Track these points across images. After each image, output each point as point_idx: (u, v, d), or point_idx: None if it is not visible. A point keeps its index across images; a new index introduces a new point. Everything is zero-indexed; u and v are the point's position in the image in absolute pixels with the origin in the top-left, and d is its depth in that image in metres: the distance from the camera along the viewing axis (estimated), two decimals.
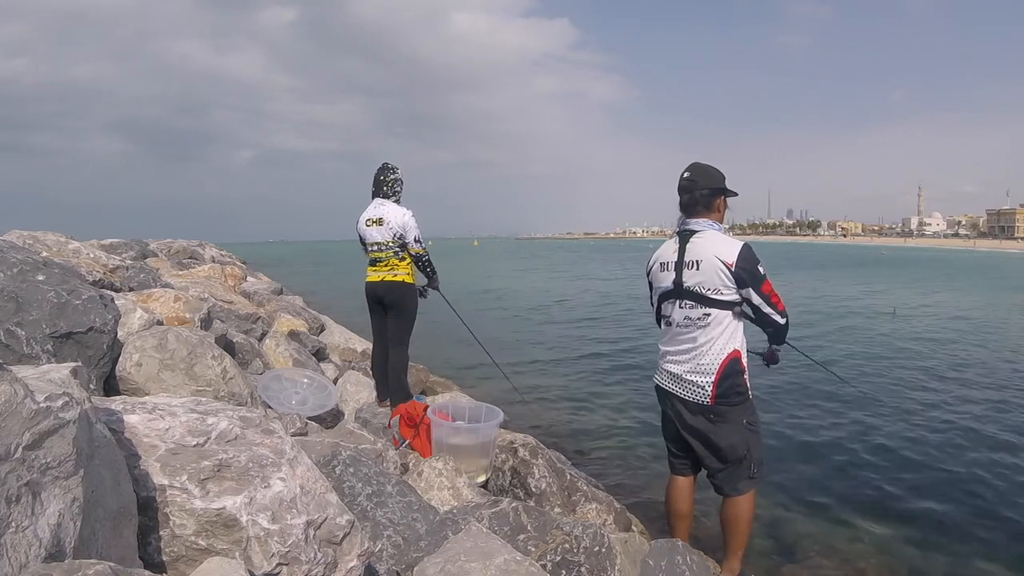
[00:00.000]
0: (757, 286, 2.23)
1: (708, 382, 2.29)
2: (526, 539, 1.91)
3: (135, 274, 4.26)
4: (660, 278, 2.41)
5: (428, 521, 1.92)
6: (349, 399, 4.19)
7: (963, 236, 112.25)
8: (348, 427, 3.32)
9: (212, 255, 14.68)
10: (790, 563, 2.90)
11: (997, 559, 2.93)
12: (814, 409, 5.28)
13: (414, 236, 3.86)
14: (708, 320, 2.27)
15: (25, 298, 2.15)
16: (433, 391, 4.95)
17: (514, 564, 1.54)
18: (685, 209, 2.37)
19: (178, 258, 11.37)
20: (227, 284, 6.68)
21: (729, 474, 2.37)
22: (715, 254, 2.24)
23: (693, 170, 2.38)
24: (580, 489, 2.87)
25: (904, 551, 3.01)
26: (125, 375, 2.47)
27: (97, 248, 4.16)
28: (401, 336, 3.92)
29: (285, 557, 1.18)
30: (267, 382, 3.37)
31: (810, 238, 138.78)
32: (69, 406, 0.98)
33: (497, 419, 3.01)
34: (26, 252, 2.55)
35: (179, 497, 1.16)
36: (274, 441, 1.36)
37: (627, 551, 2.14)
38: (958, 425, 4.87)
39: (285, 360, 4.36)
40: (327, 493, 1.33)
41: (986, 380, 6.40)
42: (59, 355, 2.11)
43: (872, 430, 4.74)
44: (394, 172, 3.94)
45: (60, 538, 0.92)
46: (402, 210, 3.87)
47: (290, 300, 8.36)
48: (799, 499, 3.57)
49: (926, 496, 3.61)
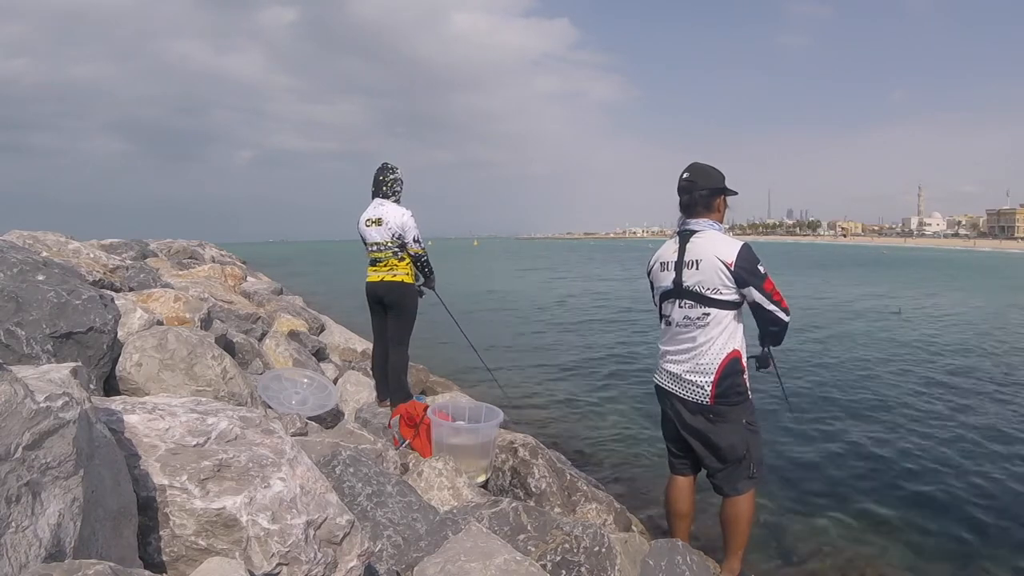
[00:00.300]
0: (758, 284, 2.23)
1: (707, 382, 2.29)
2: (526, 539, 1.91)
3: (135, 274, 4.26)
4: (660, 277, 2.42)
5: (428, 521, 1.92)
6: (349, 399, 4.19)
7: (963, 236, 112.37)
8: (348, 427, 3.32)
9: (212, 255, 14.68)
10: (790, 563, 2.90)
11: (997, 560, 2.93)
12: (814, 409, 5.28)
13: (413, 236, 3.85)
14: (708, 320, 2.27)
15: (25, 298, 2.15)
16: (433, 391, 4.95)
17: (514, 564, 1.54)
18: (685, 209, 2.38)
19: (178, 258, 11.38)
20: (227, 284, 6.68)
21: (729, 474, 2.37)
22: (715, 254, 2.24)
23: (692, 170, 2.38)
24: (580, 489, 2.87)
25: (904, 551, 3.01)
26: (125, 375, 2.47)
27: (97, 248, 4.16)
28: (401, 336, 3.92)
29: (285, 557, 1.18)
30: (267, 382, 3.37)
31: (810, 238, 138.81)
32: (69, 406, 0.98)
33: (497, 419, 3.01)
34: (26, 252, 2.55)
35: (179, 497, 1.16)
36: (274, 441, 1.36)
37: (627, 551, 2.14)
38: (961, 426, 4.87)
39: (285, 360, 4.36)
40: (327, 493, 1.33)
41: (990, 382, 6.38)
42: (59, 355, 2.11)
43: (873, 431, 4.74)
44: (393, 172, 3.93)
45: (60, 538, 0.92)
46: (401, 210, 3.86)
47: (290, 300, 8.36)
48: (799, 499, 3.57)
49: (927, 496, 3.61)
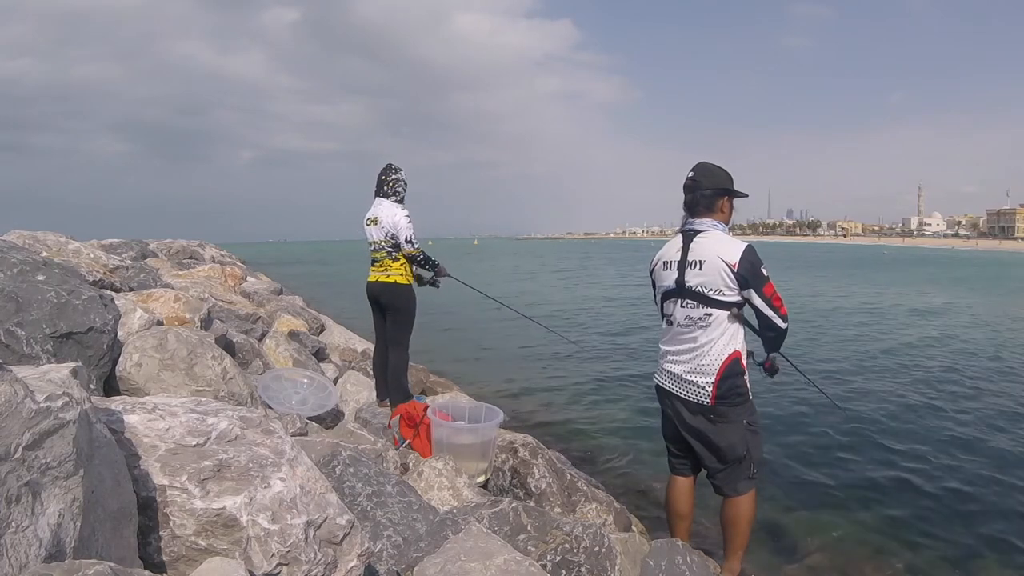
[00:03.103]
0: (759, 288, 2.22)
1: (708, 382, 2.29)
2: (526, 539, 1.91)
3: (135, 274, 4.26)
4: (663, 277, 2.41)
5: (428, 521, 1.91)
6: (349, 399, 4.19)
7: (963, 236, 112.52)
8: (348, 427, 3.32)
9: (212, 255, 14.68)
10: (790, 563, 2.90)
11: (997, 560, 2.93)
12: (815, 409, 5.28)
13: (405, 236, 3.80)
14: (710, 320, 2.27)
15: (25, 298, 2.15)
16: (433, 391, 4.95)
17: (514, 564, 1.54)
18: (688, 209, 2.37)
19: (178, 258, 11.38)
20: (227, 284, 6.68)
21: (729, 474, 2.37)
22: (718, 254, 2.24)
23: (698, 170, 2.38)
24: (580, 489, 2.87)
25: (905, 551, 3.00)
26: (125, 375, 2.47)
27: (97, 248, 4.16)
28: (398, 337, 3.91)
29: (285, 557, 1.18)
30: (267, 382, 3.37)
31: (810, 238, 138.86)
32: (69, 406, 0.98)
33: (497, 419, 3.01)
34: (26, 252, 2.55)
35: (179, 497, 1.16)
36: (274, 441, 1.36)
37: (627, 551, 2.15)
38: (962, 425, 4.87)
39: (285, 360, 4.36)
40: (327, 493, 1.33)
41: (995, 383, 6.37)
42: (59, 355, 2.11)
43: (873, 431, 4.74)
44: (396, 172, 3.91)
45: (60, 538, 0.92)
46: (395, 208, 3.83)
47: (290, 300, 8.37)
48: (799, 499, 3.56)
49: (927, 496, 3.60)
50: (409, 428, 3.18)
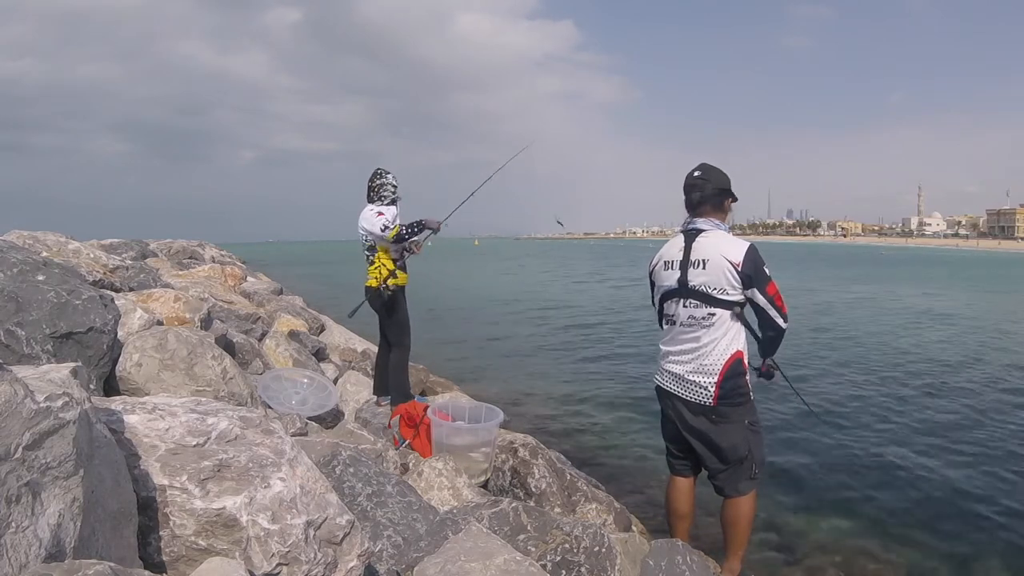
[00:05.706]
0: (762, 287, 2.22)
1: (711, 383, 2.28)
2: (526, 539, 1.91)
3: (135, 274, 4.26)
4: (664, 276, 2.40)
5: (428, 521, 1.91)
6: (349, 399, 4.19)
7: (963, 236, 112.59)
8: (348, 427, 3.31)
9: (212, 255, 14.68)
10: (790, 563, 2.90)
11: (998, 560, 2.93)
12: (814, 409, 5.27)
13: (379, 228, 3.68)
14: (713, 320, 2.26)
15: (25, 298, 2.15)
16: (433, 391, 4.95)
17: (514, 564, 1.54)
18: (693, 207, 2.37)
19: (178, 258, 11.38)
20: (227, 284, 6.67)
21: (730, 475, 2.36)
22: (722, 253, 2.23)
23: (703, 169, 2.38)
24: (580, 489, 2.86)
25: (905, 551, 3.00)
26: (125, 375, 2.47)
27: (97, 248, 4.16)
28: (395, 337, 3.91)
29: (285, 557, 1.18)
30: (267, 382, 3.37)
31: (810, 238, 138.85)
32: (69, 406, 0.98)
33: (497, 419, 3.01)
34: (26, 252, 2.55)
35: (179, 497, 1.16)
36: (274, 441, 1.36)
37: (627, 551, 2.14)
38: (963, 426, 4.87)
39: (285, 360, 4.36)
40: (327, 493, 1.33)
41: (996, 383, 6.37)
42: (59, 355, 2.11)
43: (873, 431, 4.74)
44: (382, 177, 3.89)
45: (60, 538, 0.92)
46: (369, 206, 3.82)
47: (290, 300, 8.36)
48: (799, 499, 3.56)
49: (928, 496, 3.60)
50: (409, 428, 3.18)
